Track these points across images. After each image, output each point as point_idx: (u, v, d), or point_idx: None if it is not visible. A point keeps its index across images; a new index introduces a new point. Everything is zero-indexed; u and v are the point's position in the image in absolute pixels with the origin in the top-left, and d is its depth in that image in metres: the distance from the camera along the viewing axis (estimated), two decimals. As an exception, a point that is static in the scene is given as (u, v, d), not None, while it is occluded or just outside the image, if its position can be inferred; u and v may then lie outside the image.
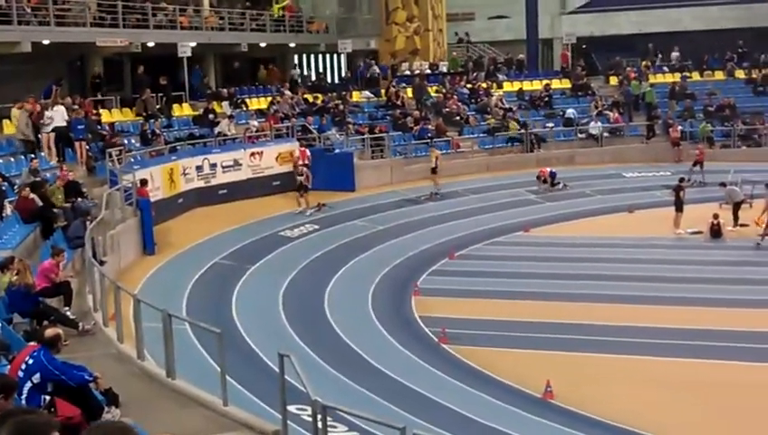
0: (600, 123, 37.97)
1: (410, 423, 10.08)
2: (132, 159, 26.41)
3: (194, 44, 33.02)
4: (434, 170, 31.24)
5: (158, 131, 29.35)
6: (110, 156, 24.71)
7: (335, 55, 45.28)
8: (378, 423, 10.19)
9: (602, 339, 17.89)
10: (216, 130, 31.39)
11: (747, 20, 46.50)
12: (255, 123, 32.79)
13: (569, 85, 42.09)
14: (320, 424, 8.46)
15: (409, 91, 39.19)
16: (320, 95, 37.38)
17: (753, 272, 22.37)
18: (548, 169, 32.57)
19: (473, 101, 39.63)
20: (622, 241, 26.03)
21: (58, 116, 25.16)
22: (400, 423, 7.62)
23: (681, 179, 28.66)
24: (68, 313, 14.05)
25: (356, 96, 39.19)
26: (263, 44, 38.47)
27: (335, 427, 11.66)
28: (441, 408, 14.57)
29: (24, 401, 8.68)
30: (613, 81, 42.68)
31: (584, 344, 17.56)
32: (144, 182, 23.85)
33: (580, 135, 38.01)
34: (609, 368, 16.56)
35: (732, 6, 47.32)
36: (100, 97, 30.17)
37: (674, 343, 17.45)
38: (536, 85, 41.88)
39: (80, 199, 21.11)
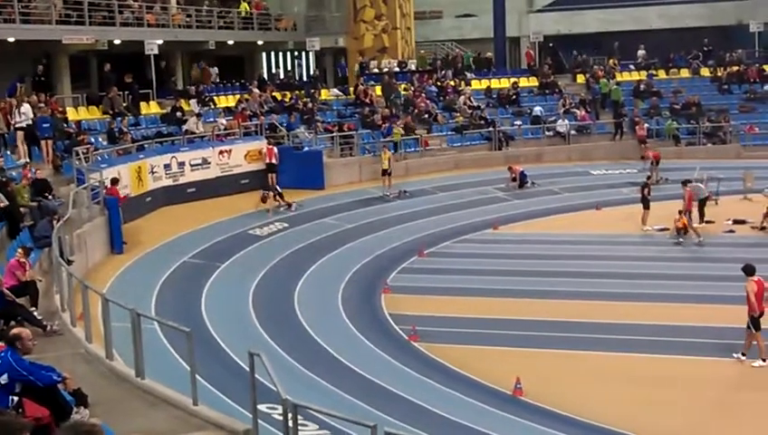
0: (567, 121, 38.22)
1: (381, 421, 10.08)
2: (99, 158, 26.22)
3: (161, 42, 32.82)
4: (386, 172, 30.95)
5: (125, 129, 29.15)
6: (77, 154, 24.51)
7: (303, 53, 45.21)
8: (348, 421, 10.20)
9: (571, 335, 17.99)
10: (184, 128, 31.23)
11: (712, 18, 46.96)
12: (224, 121, 32.67)
13: (536, 83, 42.31)
14: (290, 423, 8.46)
15: (378, 89, 39.20)
16: (288, 93, 37.29)
17: (720, 268, 22.54)
18: (519, 169, 32.67)
19: (441, 99, 39.72)
20: (590, 238, 26.21)
21: (23, 114, 24.96)
22: (371, 421, 7.64)
23: (648, 177, 28.92)
24: (34, 313, 13.91)
25: (325, 94, 39.16)
26: (230, 42, 38.32)
27: (306, 425, 11.66)
28: (412, 405, 14.60)
29: (-9, 402, 8.61)
30: (580, 79, 42.95)
31: (554, 341, 17.66)
32: (115, 181, 23.75)
33: (547, 133, 38.25)
34: (578, 364, 16.67)
35: (697, 5, 47.74)
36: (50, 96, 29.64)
37: (642, 338, 17.58)
38: (504, 83, 42.06)
39: (46, 198, 20.91)
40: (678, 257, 24.01)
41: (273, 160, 30.18)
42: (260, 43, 41.09)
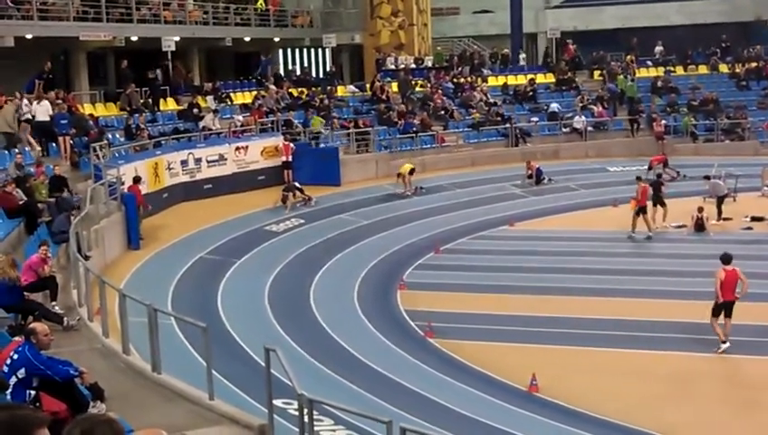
0: (584, 118, 38.10)
1: (396, 417, 10.09)
2: (117, 154, 26.33)
3: (178, 39, 32.93)
4: (411, 172, 30.73)
5: (142, 126, 29.27)
6: (95, 150, 24.63)
7: (320, 50, 45.25)
8: (364, 417, 10.23)
9: (587, 332, 17.95)
10: (201, 124, 31.32)
11: (730, 14, 46.75)
12: (240, 118, 32.74)
13: (553, 80, 42.17)
14: (306, 418, 8.49)
15: (395, 86, 39.18)
16: (305, 89, 37.33)
17: (737, 265, 22.42)
18: (536, 166, 32.58)
19: (458, 95, 39.67)
20: (607, 235, 26.11)
21: (42, 110, 25.08)
22: (386, 417, 7.66)
23: (659, 175, 28.89)
24: (56, 307, 14.00)
25: (341, 90, 39.19)
26: (247, 38, 38.40)
27: (321, 421, 11.70)
28: (427, 401, 14.60)
29: (9, 397, 8.67)
30: (597, 75, 42.77)
31: (569, 338, 17.62)
32: (137, 180, 23.89)
33: (564, 129, 38.13)
34: (594, 361, 16.62)
35: (715, 1, 47.54)
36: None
37: (658, 335, 17.53)
38: (521, 80, 41.92)
39: (64, 194, 21.04)
40: (695, 254, 23.85)
41: (290, 158, 30.26)
42: (276, 39, 41.15)
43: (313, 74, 43.54)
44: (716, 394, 15.34)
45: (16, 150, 22.89)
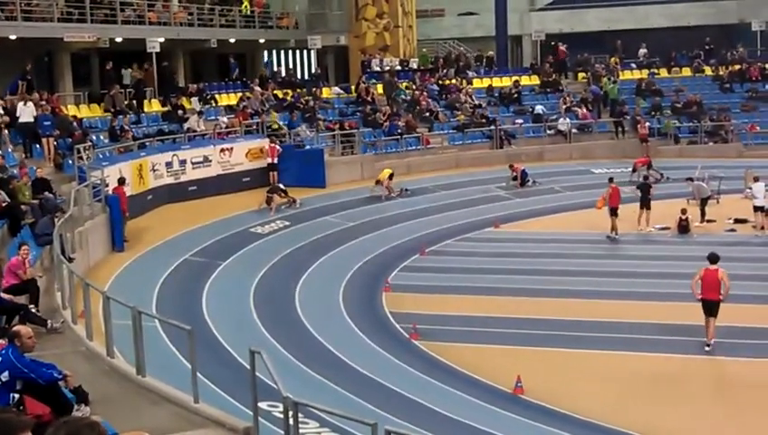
0: (568, 120, 38.21)
1: (381, 419, 10.10)
2: (101, 156, 26.23)
3: (162, 40, 32.83)
4: (390, 176, 30.79)
5: (126, 127, 29.17)
6: (79, 152, 24.53)
7: (305, 51, 45.23)
8: (349, 419, 10.22)
9: (572, 334, 18.00)
10: (186, 126, 31.22)
11: (714, 17, 46.96)
12: (225, 119, 32.67)
13: (538, 82, 42.27)
14: (291, 421, 8.48)
15: (380, 88, 39.20)
16: (290, 91, 37.28)
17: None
18: (520, 168, 32.63)
19: (443, 97, 39.72)
20: (591, 237, 26.18)
21: (27, 112, 24.97)
22: (371, 419, 7.66)
23: (645, 177, 29.00)
24: (33, 310, 13.91)
25: (326, 92, 39.16)
26: (232, 40, 38.33)
27: (306, 423, 11.68)
28: (412, 404, 14.61)
29: (-8, 400, 8.63)
30: (582, 77, 42.91)
31: (554, 340, 17.67)
32: (122, 181, 23.80)
33: (548, 131, 38.23)
34: (579, 363, 16.67)
35: (699, 4, 47.77)
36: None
37: (644, 338, 17.60)
38: (506, 82, 42.01)
39: (48, 195, 20.93)
40: (679, 256, 23.94)
41: (275, 160, 30.21)
42: (261, 41, 41.08)
43: (298, 76, 43.48)
44: (700, 396, 15.43)
45: (-1, 153, 22.80)
